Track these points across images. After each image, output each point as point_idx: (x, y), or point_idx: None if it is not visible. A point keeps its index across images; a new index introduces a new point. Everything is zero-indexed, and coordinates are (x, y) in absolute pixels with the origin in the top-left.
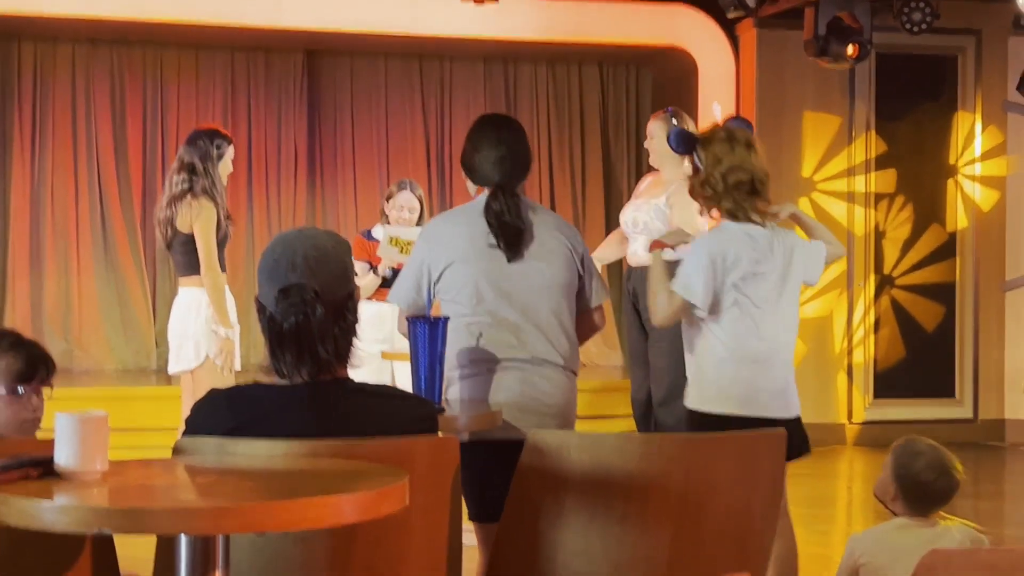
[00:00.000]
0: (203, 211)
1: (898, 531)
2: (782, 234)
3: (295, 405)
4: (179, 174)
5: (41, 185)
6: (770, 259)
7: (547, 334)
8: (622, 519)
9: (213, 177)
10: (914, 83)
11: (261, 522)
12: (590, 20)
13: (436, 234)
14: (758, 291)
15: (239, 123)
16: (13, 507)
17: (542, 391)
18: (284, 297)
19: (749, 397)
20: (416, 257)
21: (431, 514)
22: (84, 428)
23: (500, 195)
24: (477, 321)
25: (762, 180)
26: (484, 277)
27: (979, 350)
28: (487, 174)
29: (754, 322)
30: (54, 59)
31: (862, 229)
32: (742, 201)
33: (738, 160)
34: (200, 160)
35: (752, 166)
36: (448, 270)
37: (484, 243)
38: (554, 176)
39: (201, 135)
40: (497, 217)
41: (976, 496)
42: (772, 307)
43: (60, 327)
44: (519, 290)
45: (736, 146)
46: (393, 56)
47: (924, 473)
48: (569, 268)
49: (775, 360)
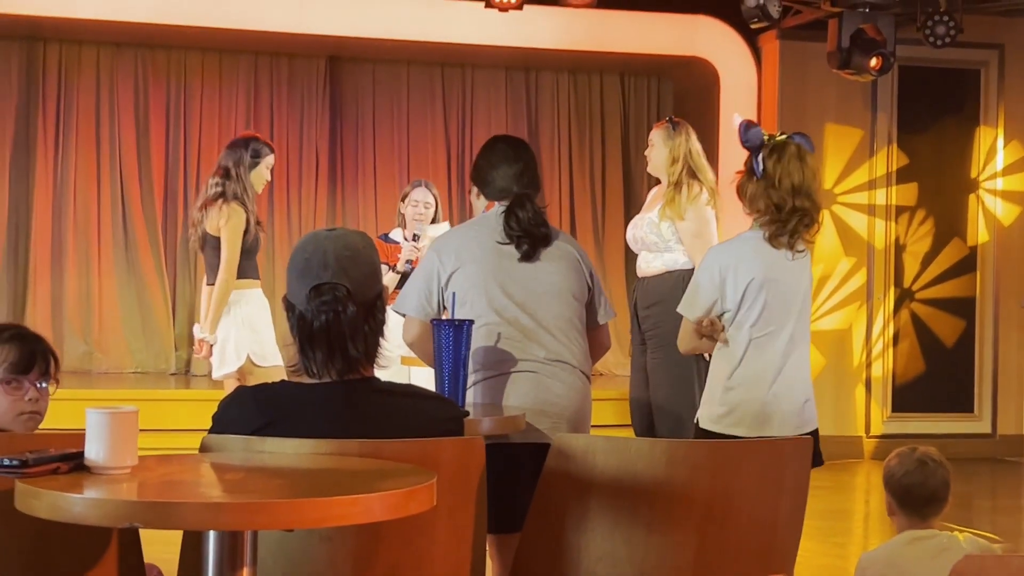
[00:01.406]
0: (232, 216)
1: (906, 546)
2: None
3: (324, 403)
4: (214, 177)
5: (64, 187)
6: (789, 275)
7: (558, 335)
8: (647, 525)
9: (245, 183)
10: (937, 96)
11: (290, 519)
12: (612, 29)
13: (445, 243)
14: (772, 308)
15: (261, 127)
16: (44, 500)
17: (556, 394)
18: (316, 295)
19: (759, 419)
20: (424, 266)
21: (456, 516)
22: (114, 423)
23: (527, 203)
24: (488, 322)
25: (819, 210)
26: (493, 278)
27: (998, 365)
28: (505, 186)
29: (768, 341)
30: (79, 61)
31: (882, 242)
32: (801, 229)
33: (807, 183)
34: (234, 165)
35: (815, 195)
36: (456, 272)
37: (492, 245)
38: (574, 185)
39: (239, 141)
40: (520, 223)
41: (994, 511)
42: (789, 325)
43: (80, 329)
44: (530, 290)
45: (806, 168)
46: (415, 63)
47: (909, 475)
48: (579, 278)
49: (790, 380)
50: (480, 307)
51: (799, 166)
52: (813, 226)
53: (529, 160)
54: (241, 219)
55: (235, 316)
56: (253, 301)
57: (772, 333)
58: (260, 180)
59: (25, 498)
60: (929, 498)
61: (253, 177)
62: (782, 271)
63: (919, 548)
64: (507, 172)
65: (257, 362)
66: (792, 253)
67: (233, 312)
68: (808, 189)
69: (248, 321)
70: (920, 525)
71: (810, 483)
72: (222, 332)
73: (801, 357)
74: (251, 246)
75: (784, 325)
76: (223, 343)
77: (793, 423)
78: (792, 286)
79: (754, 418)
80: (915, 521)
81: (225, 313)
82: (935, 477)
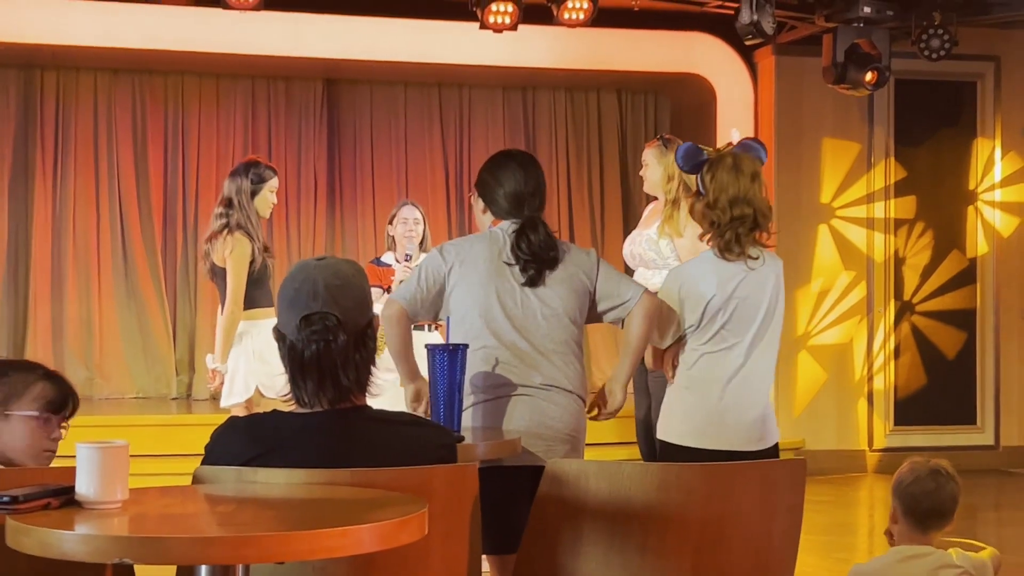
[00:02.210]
0: (237, 246)
1: (900, 563)
2: (772, 261)
3: (315, 433)
4: (218, 208)
5: (63, 213)
6: (751, 289)
7: (555, 359)
8: (642, 548)
9: (248, 211)
10: (933, 109)
11: (281, 552)
12: (608, 47)
13: (450, 248)
14: (731, 323)
15: (259, 151)
16: (34, 537)
17: (551, 417)
18: (306, 324)
19: (710, 428)
20: (427, 263)
21: (450, 543)
22: (105, 458)
23: (540, 227)
24: (485, 345)
25: (764, 214)
26: (495, 299)
27: (1000, 376)
28: (514, 208)
29: (724, 352)
30: (76, 87)
31: (882, 255)
32: (743, 236)
33: (742, 191)
34: (236, 194)
35: (755, 199)
36: (458, 286)
37: (498, 264)
38: (573, 203)
39: (239, 168)
40: (532, 246)
41: (999, 523)
42: (748, 338)
43: (81, 355)
44: (529, 314)
45: (741, 176)
46: (412, 84)
47: (919, 483)
48: (580, 299)
49: (744, 390)
50: (478, 328)
51: (733, 177)
52: (757, 231)
53: (539, 180)
54: (245, 249)
55: (246, 346)
56: (264, 331)
57: (729, 347)
58: (265, 205)
59: (15, 535)
60: (934, 510)
61: (258, 203)
62: (742, 285)
63: (913, 566)
64: (517, 193)
65: (266, 393)
66: (746, 262)
67: (244, 342)
68: (747, 196)
69: (258, 352)
70: (919, 539)
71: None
72: (232, 362)
73: (759, 367)
74: (259, 275)
75: (742, 338)
76: (232, 374)
77: (749, 435)
78: (753, 298)
79: (705, 426)
80: (915, 533)
81: (237, 342)
82: (944, 490)
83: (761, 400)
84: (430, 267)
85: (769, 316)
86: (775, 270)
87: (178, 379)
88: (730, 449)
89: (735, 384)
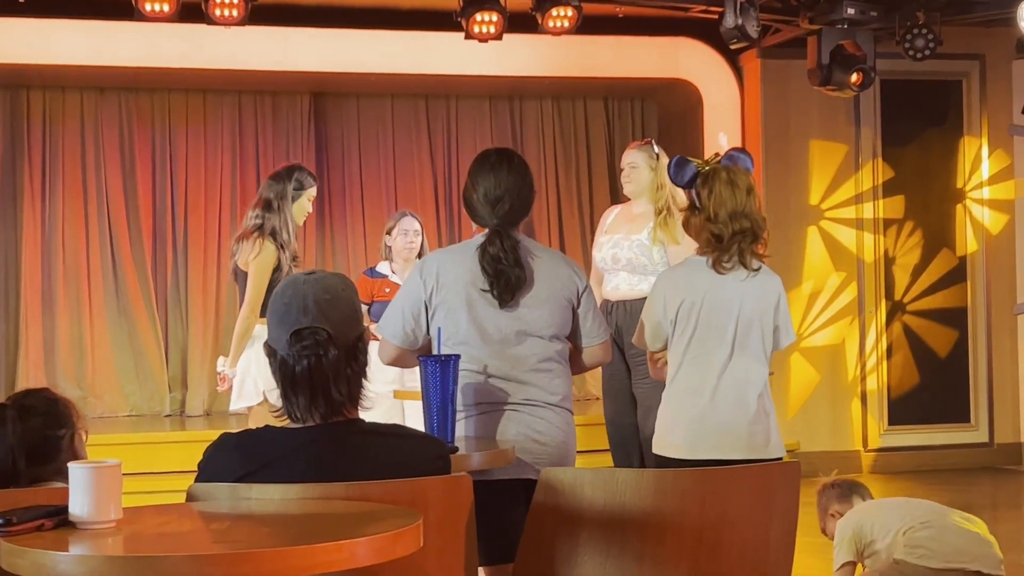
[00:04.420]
0: (263, 251)
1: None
2: (767, 274)
3: (308, 447)
4: (254, 209)
5: (52, 232)
6: (733, 295)
7: (539, 380)
8: (638, 555)
9: (286, 216)
10: (919, 109)
11: (277, 567)
12: (594, 55)
13: (430, 268)
14: (705, 329)
15: (247, 165)
16: (28, 559)
17: (537, 431)
18: (297, 340)
19: (695, 439)
20: (408, 288)
21: (446, 554)
22: (98, 477)
23: (497, 240)
24: (466, 370)
25: (761, 226)
26: (474, 328)
27: (993, 374)
28: (485, 216)
29: (703, 359)
30: (63, 106)
31: (871, 255)
32: (746, 250)
33: (740, 205)
34: (276, 197)
35: (752, 213)
36: (438, 310)
37: (477, 288)
38: (562, 210)
39: (282, 173)
40: (493, 263)
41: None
42: (725, 345)
43: (73, 374)
44: (509, 338)
45: (738, 191)
46: (399, 96)
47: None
48: (563, 311)
49: (728, 398)
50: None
51: (731, 192)
52: (757, 242)
53: (511, 182)
54: (270, 256)
55: (259, 351)
56: None
57: (707, 352)
58: (302, 212)
59: (9, 557)
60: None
61: (295, 209)
62: (724, 292)
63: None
64: (486, 199)
65: (273, 402)
66: (747, 272)
67: (258, 347)
68: (745, 210)
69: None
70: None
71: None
72: (243, 365)
73: (744, 376)
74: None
75: (720, 344)
76: (243, 376)
77: (736, 444)
78: (734, 305)
79: (689, 436)
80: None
81: (250, 346)
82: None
83: (747, 409)
84: (411, 295)
85: (752, 326)
86: (773, 285)
87: (171, 396)
88: (720, 458)
89: (719, 391)
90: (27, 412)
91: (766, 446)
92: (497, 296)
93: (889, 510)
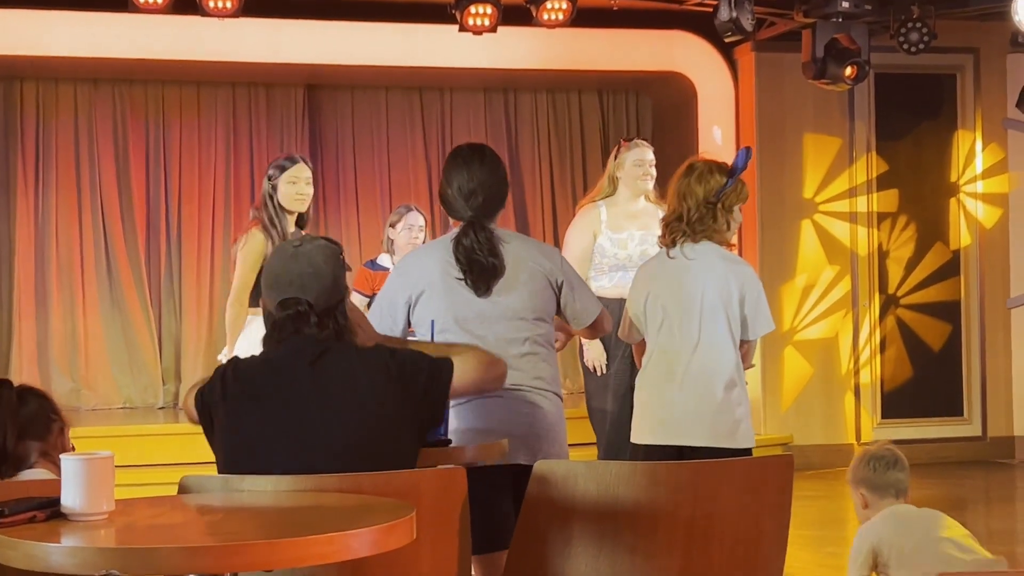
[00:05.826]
0: (249, 241)
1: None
2: (734, 262)
3: (295, 359)
4: (253, 206)
5: (45, 225)
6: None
7: (522, 365)
8: (631, 548)
9: (270, 207)
10: (913, 102)
11: (269, 560)
12: (588, 48)
13: (407, 267)
14: (671, 318)
15: (241, 158)
16: (20, 550)
17: (524, 414)
18: (283, 308)
19: (659, 426)
20: (389, 289)
21: (439, 546)
22: (90, 469)
23: (471, 231)
24: None
25: (694, 209)
26: (451, 313)
27: (986, 367)
28: (458, 209)
29: (668, 346)
30: (56, 99)
31: (865, 249)
32: (678, 232)
33: (681, 187)
34: (264, 191)
35: (690, 196)
36: (418, 303)
37: (453, 277)
38: (556, 203)
39: (268, 167)
40: (467, 254)
41: (988, 515)
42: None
43: (67, 366)
44: (488, 325)
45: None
46: (393, 88)
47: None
48: (544, 295)
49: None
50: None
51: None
52: (692, 227)
53: (483, 176)
54: (256, 245)
55: (253, 341)
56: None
57: (673, 340)
58: (288, 196)
59: (1, 548)
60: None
61: (281, 196)
62: (688, 281)
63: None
64: (459, 193)
65: None
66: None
67: (255, 336)
68: (681, 192)
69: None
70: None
71: (802, 492)
72: (239, 351)
73: (710, 364)
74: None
75: (686, 333)
76: None
77: (700, 431)
78: (697, 294)
79: (654, 423)
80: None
81: (245, 337)
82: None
83: (713, 397)
84: (392, 298)
85: (717, 313)
86: (739, 272)
87: (165, 388)
88: (683, 444)
89: (688, 377)
90: (27, 392)
91: (732, 435)
92: (472, 285)
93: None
